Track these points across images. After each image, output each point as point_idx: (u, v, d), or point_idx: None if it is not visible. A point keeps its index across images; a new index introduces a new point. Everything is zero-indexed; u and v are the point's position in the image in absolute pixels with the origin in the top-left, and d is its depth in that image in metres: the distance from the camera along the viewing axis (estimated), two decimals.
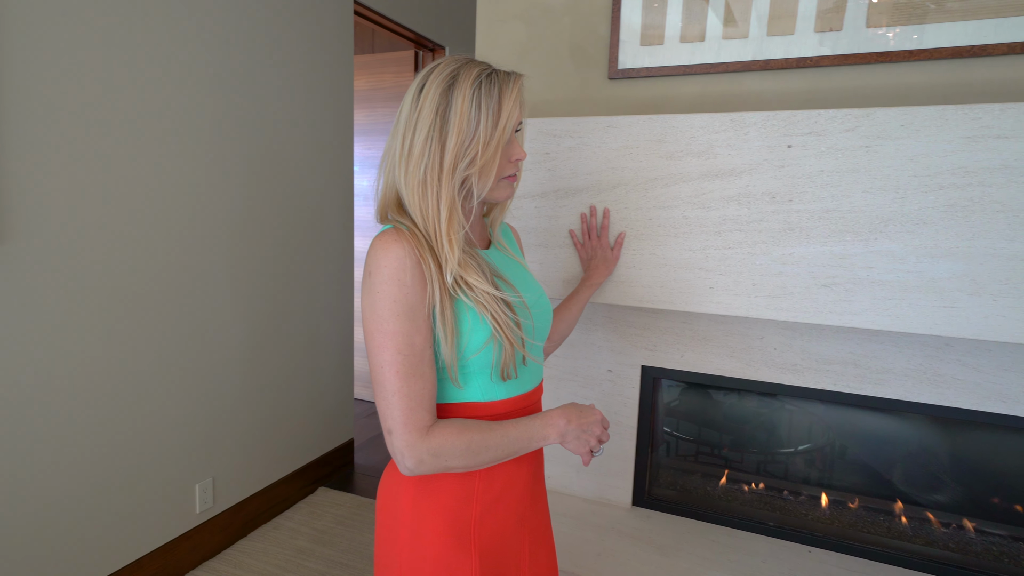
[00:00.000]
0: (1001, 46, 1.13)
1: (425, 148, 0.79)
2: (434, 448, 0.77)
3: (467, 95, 0.78)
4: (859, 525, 1.46)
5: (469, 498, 0.84)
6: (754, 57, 1.34)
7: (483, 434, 0.80)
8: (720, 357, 1.43)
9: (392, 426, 0.77)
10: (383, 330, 0.76)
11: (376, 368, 0.78)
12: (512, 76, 0.82)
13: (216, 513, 2.04)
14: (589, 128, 1.31)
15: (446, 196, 0.80)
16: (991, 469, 1.38)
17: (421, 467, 0.78)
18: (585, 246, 1.33)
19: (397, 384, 0.76)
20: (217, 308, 1.98)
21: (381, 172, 0.86)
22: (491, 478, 0.86)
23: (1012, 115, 1.01)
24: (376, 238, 0.79)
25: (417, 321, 0.77)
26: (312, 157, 2.35)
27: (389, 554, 0.86)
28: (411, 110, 0.81)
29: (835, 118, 1.12)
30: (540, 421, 0.84)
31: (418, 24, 2.96)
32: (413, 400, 0.77)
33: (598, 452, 0.87)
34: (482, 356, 0.81)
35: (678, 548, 1.40)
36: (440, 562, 0.83)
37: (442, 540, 0.83)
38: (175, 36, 1.77)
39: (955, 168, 1.05)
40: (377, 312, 0.77)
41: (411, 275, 0.76)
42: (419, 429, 0.77)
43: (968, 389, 1.25)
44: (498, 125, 0.80)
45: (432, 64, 0.83)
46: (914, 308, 1.11)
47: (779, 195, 1.17)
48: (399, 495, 0.85)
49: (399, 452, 0.77)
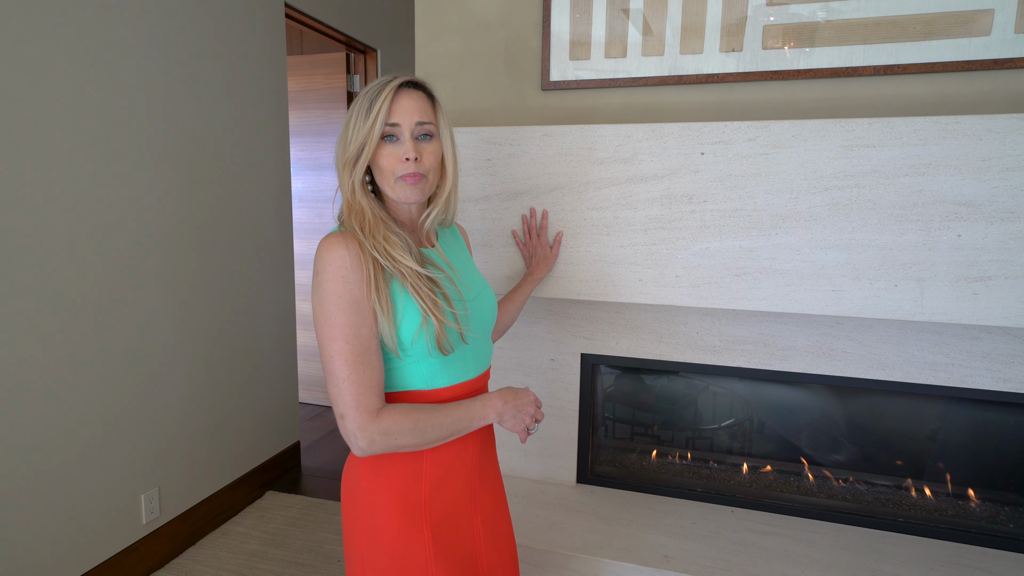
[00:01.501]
0: (868, 68, 1.34)
1: (338, 146, 0.92)
2: (384, 427, 0.84)
3: (357, 100, 0.91)
4: (773, 486, 1.66)
5: (418, 478, 0.91)
6: (670, 72, 1.49)
7: (428, 414, 0.88)
8: (650, 342, 1.59)
9: (344, 411, 0.84)
10: (331, 323, 0.84)
11: (327, 359, 0.85)
12: (395, 80, 0.89)
13: (163, 523, 2.02)
14: (527, 136, 1.43)
15: (356, 181, 0.91)
16: (877, 429, 1.61)
17: (373, 447, 0.85)
18: (527, 245, 1.45)
19: (347, 372, 0.83)
20: (156, 314, 1.96)
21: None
22: (437, 459, 0.93)
23: (878, 128, 1.21)
24: (322, 240, 0.87)
25: (362, 314, 0.85)
26: (248, 160, 2.34)
27: (352, 540, 0.93)
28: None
29: (739, 129, 1.29)
30: (480, 403, 0.92)
31: (349, 27, 2.98)
32: (362, 386, 0.84)
33: (533, 430, 0.97)
34: (420, 340, 0.88)
35: (619, 517, 1.55)
36: (396, 541, 0.89)
37: (395, 520, 0.90)
38: (104, 38, 1.74)
39: (836, 172, 1.24)
40: (325, 307, 0.84)
41: (353, 272, 0.84)
42: (369, 412, 0.84)
43: (856, 360, 1.46)
44: (369, 119, 0.88)
45: None
46: (809, 292, 1.30)
47: (695, 196, 1.33)
48: (356, 482, 0.93)
49: (352, 434, 0.84)
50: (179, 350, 2.05)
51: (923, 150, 1.19)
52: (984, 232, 1.18)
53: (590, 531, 1.48)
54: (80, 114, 1.69)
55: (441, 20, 1.67)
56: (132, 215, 1.85)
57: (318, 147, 3.45)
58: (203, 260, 2.13)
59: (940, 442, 1.56)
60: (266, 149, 2.44)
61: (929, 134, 1.18)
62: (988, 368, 1.37)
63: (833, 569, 1.35)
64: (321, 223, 3.48)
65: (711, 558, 1.38)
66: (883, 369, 1.44)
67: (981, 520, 1.50)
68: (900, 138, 1.20)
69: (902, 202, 1.21)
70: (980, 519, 1.51)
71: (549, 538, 1.45)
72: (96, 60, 1.72)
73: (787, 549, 1.42)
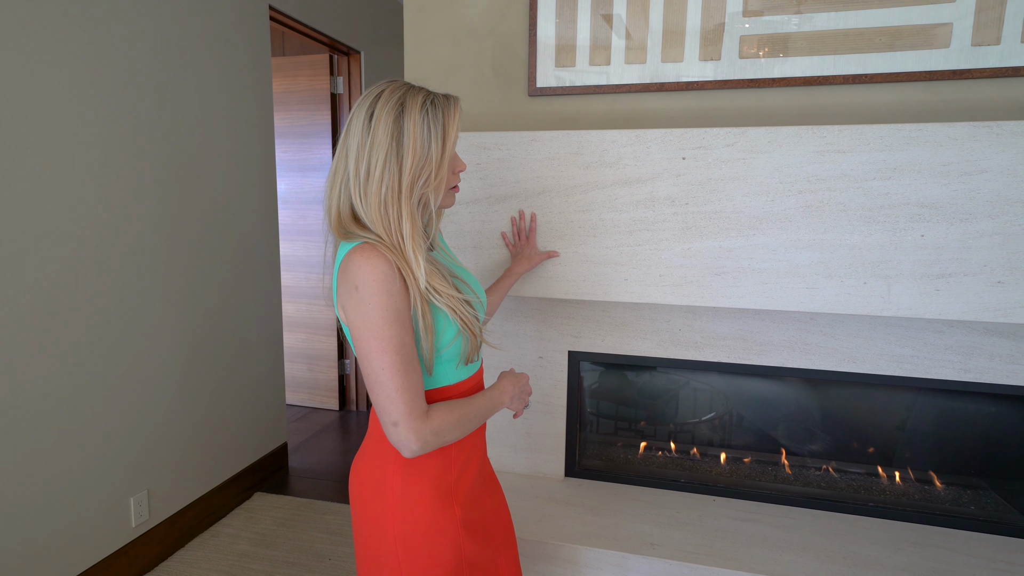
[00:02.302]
0: (838, 77, 1.42)
1: (384, 172, 0.88)
2: (434, 428, 0.89)
3: (417, 121, 0.88)
4: (752, 475, 1.73)
5: (448, 464, 0.99)
6: (652, 80, 1.55)
7: (464, 408, 0.95)
8: (635, 339, 1.65)
9: (398, 418, 0.87)
10: (380, 336, 0.85)
11: (375, 371, 0.86)
12: (452, 100, 0.93)
13: (152, 526, 2.02)
14: (516, 141, 1.48)
15: (407, 213, 0.89)
16: (849, 420, 1.70)
17: (425, 447, 0.89)
18: (515, 246, 1.50)
19: (399, 381, 0.86)
20: (144, 318, 1.96)
21: (331, 190, 0.93)
22: (461, 445, 1.01)
23: (848, 134, 1.28)
24: (355, 253, 0.87)
25: (405, 324, 0.87)
26: (234, 162, 2.35)
27: (377, 523, 0.97)
28: (363, 136, 0.89)
29: (718, 135, 1.35)
30: (496, 390, 1.03)
31: (333, 29, 2.99)
32: (412, 393, 0.87)
33: (528, 406, 1.09)
34: (452, 348, 0.94)
35: (607, 508, 1.61)
36: (429, 521, 0.96)
37: (428, 502, 0.96)
38: (87, 40, 1.75)
39: (809, 176, 1.31)
40: (371, 321, 0.85)
41: (396, 285, 0.86)
42: (421, 416, 0.88)
43: (828, 354, 1.53)
44: (446, 146, 0.91)
45: (375, 91, 0.91)
46: (785, 290, 1.37)
47: (677, 199, 1.39)
48: (385, 472, 0.97)
49: (405, 439, 0.87)
50: (166, 353, 2.05)
51: (889, 155, 1.27)
52: (945, 232, 1.26)
53: (579, 522, 1.54)
54: (63, 116, 1.69)
55: (430, 27, 1.71)
56: (118, 218, 1.85)
57: (301, 148, 3.45)
58: (191, 263, 2.14)
59: (908, 431, 1.65)
60: (251, 151, 2.45)
61: (894, 140, 1.26)
62: (950, 360, 1.46)
63: (809, 552, 1.42)
64: (305, 224, 3.48)
65: (695, 544, 1.45)
66: (854, 362, 1.52)
67: (945, 503, 1.60)
68: (868, 144, 1.28)
69: (870, 204, 1.29)
70: (944, 502, 1.60)
71: (540, 529, 1.50)
72: (79, 62, 1.73)
73: (766, 534, 1.49)
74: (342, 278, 0.88)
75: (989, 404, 1.57)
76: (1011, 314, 1.26)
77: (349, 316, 0.88)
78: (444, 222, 1.54)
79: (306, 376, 3.59)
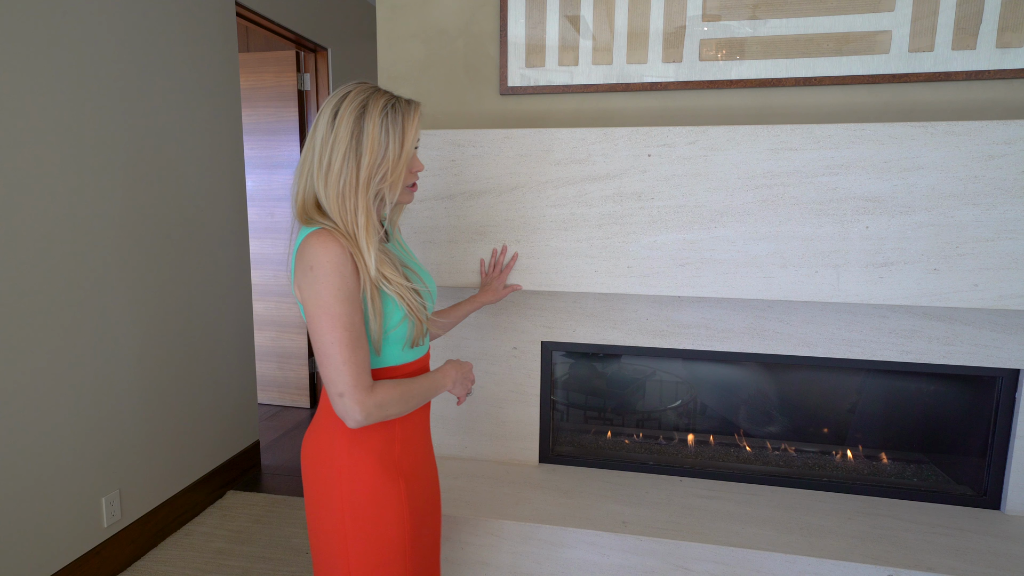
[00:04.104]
0: (790, 79, 1.51)
1: (343, 166, 0.96)
2: (378, 401, 0.96)
3: (377, 123, 0.96)
4: (716, 456, 1.83)
5: (392, 440, 1.06)
6: (618, 80, 1.62)
7: (409, 387, 1.02)
8: (605, 329, 1.72)
9: (343, 389, 0.94)
10: (330, 313, 0.92)
11: (325, 345, 0.93)
12: (413, 105, 1.02)
13: (125, 525, 2.00)
14: (489, 139, 1.53)
15: (363, 206, 0.97)
16: (803, 402, 1.81)
17: (368, 419, 0.96)
18: (487, 275, 1.54)
19: (346, 355, 0.93)
20: (113, 317, 1.94)
21: (298, 179, 1.01)
22: (405, 423, 1.08)
23: (800, 133, 1.38)
24: (313, 236, 0.94)
25: (355, 304, 0.95)
26: (202, 159, 2.33)
27: (326, 493, 1.04)
28: (327, 132, 0.97)
29: (681, 133, 1.43)
30: (440, 374, 1.11)
31: (299, 25, 2.98)
32: (359, 367, 0.94)
33: (471, 394, 1.17)
34: (398, 331, 1.02)
35: (580, 490, 1.68)
36: (375, 491, 1.03)
37: (374, 473, 1.03)
38: (50, 35, 1.72)
39: (765, 172, 1.40)
40: (323, 299, 0.92)
41: (348, 268, 0.94)
42: (366, 388, 0.95)
43: (784, 339, 1.64)
44: (404, 147, 0.99)
45: (343, 90, 0.99)
46: (744, 280, 1.46)
47: (644, 194, 1.47)
48: (333, 443, 1.04)
49: (350, 409, 0.94)
50: (137, 352, 2.03)
51: (836, 153, 1.37)
52: (887, 224, 1.37)
53: (554, 504, 1.60)
54: (27, 114, 1.66)
55: (402, 27, 1.74)
56: (88, 216, 1.83)
57: (268, 145, 3.42)
58: (160, 261, 2.12)
59: (857, 412, 1.77)
60: (220, 148, 2.43)
61: (841, 139, 1.36)
62: (894, 343, 1.58)
63: (769, 524, 1.52)
64: (273, 222, 3.46)
65: (664, 521, 1.53)
66: (808, 346, 1.63)
67: (891, 476, 1.72)
68: (817, 142, 1.37)
69: (820, 198, 1.39)
70: (890, 475, 1.72)
71: (517, 512, 1.56)
72: (43, 59, 1.70)
73: (730, 510, 1.59)
74: (299, 259, 0.95)
75: (927, 383, 1.70)
76: (946, 299, 1.38)
77: (304, 294, 0.95)
78: (421, 216, 1.59)
79: (276, 374, 3.56)
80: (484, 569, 1.56)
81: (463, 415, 1.83)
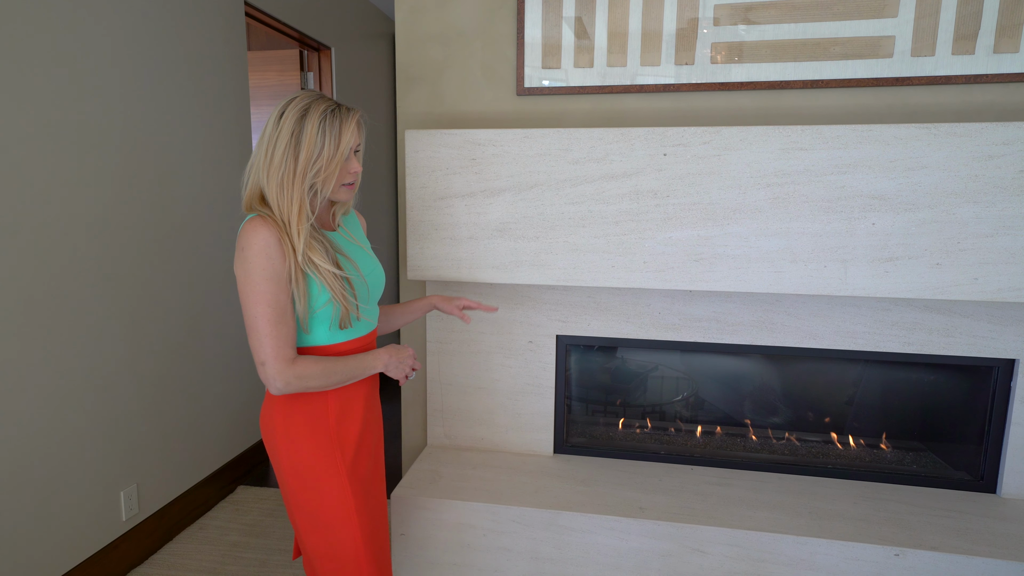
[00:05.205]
0: (798, 82, 1.58)
1: (283, 159, 1.06)
2: (298, 372, 1.06)
3: (316, 124, 1.06)
4: (724, 446, 1.89)
5: (325, 412, 1.15)
6: (631, 82, 1.68)
7: (332, 363, 1.11)
8: (619, 323, 1.78)
9: (264, 359, 1.05)
10: (256, 290, 1.03)
11: (251, 319, 1.04)
12: (352, 112, 1.10)
13: (142, 519, 2.03)
14: (508, 138, 1.58)
15: (297, 196, 1.07)
16: (808, 393, 1.88)
17: (288, 387, 1.06)
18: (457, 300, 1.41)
19: (269, 329, 1.04)
20: (131, 315, 1.96)
21: (249, 172, 1.11)
22: (339, 396, 1.17)
23: (809, 133, 1.44)
24: (248, 223, 1.05)
25: (281, 283, 1.05)
26: (209, 158, 2.36)
27: (274, 460, 1.16)
28: (272, 130, 1.08)
29: (695, 134, 1.49)
30: (371, 356, 1.17)
31: (304, 24, 3.01)
32: (280, 340, 1.05)
33: (411, 376, 1.24)
34: (324, 311, 1.10)
35: (595, 479, 1.73)
36: (314, 461, 1.14)
37: (311, 444, 1.14)
38: (55, 34, 1.74)
39: (776, 171, 1.47)
40: (251, 277, 1.03)
41: (276, 250, 1.04)
42: (286, 360, 1.06)
43: (792, 332, 1.70)
44: (339, 148, 1.08)
45: (290, 96, 1.10)
46: (755, 274, 1.52)
47: (659, 192, 1.52)
48: (273, 419, 1.14)
49: (271, 377, 1.05)
50: (152, 351, 2.06)
51: (844, 152, 1.43)
52: (892, 221, 1.44)
53: (572, 492, 1.65)
54: (31, 114, 1.68)
55: (420, 29, 1.78)
56: (104, 216, 1.85)
57: None
58: (174, 258, 2.14)
59: (858, 403, 1.84)
60: (230, 146, 2.46)
61: (849, 139, 1.43)
62: (896, 335, 1.65)
63: (779, 509, 1.59)
64: None
65: (679, 507, 1.59)
66: (814, 339, 1.69)
67: (892, 463, 1.79)
68: (826, 142, 1.44)
69: (828, 196, 1.45)
70: (891, 462, 1.80)
71: (536, 500, 1.61)
72: (47, 57, 1.72)
73: (740, 496, 1.65)
74: (237, 242, 1.07)
75: (927, 373, 1.77)
76: (947, 292, 1.45)
77: (236, 273, 1.06)
78: (442, 213, 1.63)
79: None
80: (506, 555, 1.61)
81: (482, 409, 1.88)
